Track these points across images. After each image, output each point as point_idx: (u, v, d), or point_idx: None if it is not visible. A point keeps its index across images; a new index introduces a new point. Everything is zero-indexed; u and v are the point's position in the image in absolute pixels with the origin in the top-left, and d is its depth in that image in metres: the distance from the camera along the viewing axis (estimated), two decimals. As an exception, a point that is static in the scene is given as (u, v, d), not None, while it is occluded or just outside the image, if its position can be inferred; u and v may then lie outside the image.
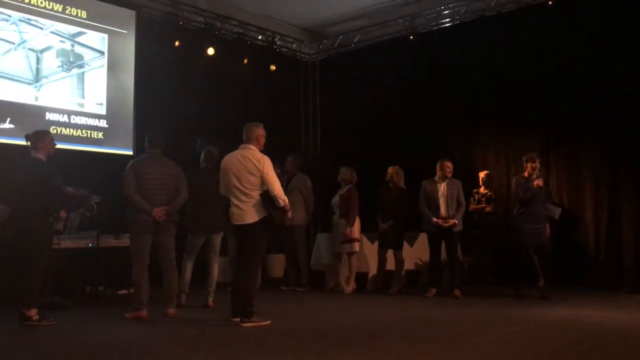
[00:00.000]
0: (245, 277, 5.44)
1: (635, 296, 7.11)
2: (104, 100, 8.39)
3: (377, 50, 10.35)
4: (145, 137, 6.01)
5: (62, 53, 8.08)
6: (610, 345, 4.67)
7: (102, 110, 8.42)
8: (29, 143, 5.58)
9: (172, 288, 5.89)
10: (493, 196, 8.50)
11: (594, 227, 8.05)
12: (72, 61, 8.16)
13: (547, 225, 7.18)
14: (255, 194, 5.40)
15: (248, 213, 5.37)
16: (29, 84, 7.76)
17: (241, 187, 5.40)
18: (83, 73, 8.28)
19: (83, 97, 8.26)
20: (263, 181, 5.38)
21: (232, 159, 5.53)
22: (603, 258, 7.93)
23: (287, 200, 5.45)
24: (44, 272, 5.58)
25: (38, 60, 7.89)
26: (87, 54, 8.32)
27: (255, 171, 5.38)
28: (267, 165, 5.41)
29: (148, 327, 5.45)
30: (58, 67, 8.04)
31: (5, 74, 7.53)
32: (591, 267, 7.96)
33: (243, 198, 5.39)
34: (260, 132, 5.64)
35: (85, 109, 8.25)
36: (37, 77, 7.85)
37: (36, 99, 7.78)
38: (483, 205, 8.43)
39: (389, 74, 10.00)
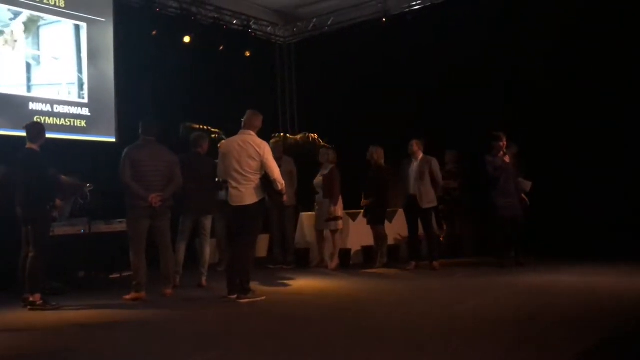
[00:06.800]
0: (243, 256, 5.75)
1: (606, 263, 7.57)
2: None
3: (351, 33, 10.60)
4: (140, 125, 6.16)
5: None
6: (584, 307, 5.06)
7: (84, 99, 8.53)
8: (27, 134, 5.72)
9: (169, 270, 6.14)
10: (456, 172, 8.89)
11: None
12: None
13: (523, 198, 7.60)
14: (254, 178, 5.68)
15: (247, 195, 5.66)
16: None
17: (241, 171, 5.67)
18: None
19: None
20: (262, 165, 5.67)
21: (233, 144, 5.80)
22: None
23: (284, 184, 5.78)
24: (46, 259, 5.77)
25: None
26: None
27: (255, 156, 5.66)
28: (267, 150, 5.71)
29: (148, 307, 5.68)
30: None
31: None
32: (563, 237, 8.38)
33: (242, 181, 5.67)
34: (259, 122, 5.92)
35: (68, 98, 8.34)
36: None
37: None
38: (448, 181, 8.80)
39: (363, 56, 10.27)
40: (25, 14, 8.01)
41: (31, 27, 8.09)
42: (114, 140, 8.72)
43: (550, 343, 3.90)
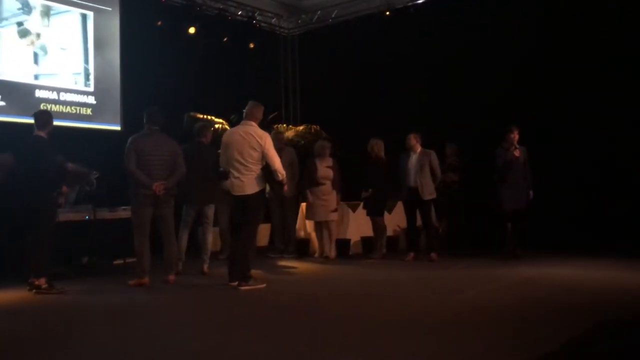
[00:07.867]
0: (244, 244, 5.88)
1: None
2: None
3: (355, 25, 10.65)
4: (144, 114, 6.25)
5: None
6: (577, 298, 5.19)
7: (90, 87, 8.63)
8: (35, 122, 5.84)
9: (172, 257, 6.27)
10: (457, 166, 8.98)
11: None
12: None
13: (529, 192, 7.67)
14: (256, 168, 5.81)
15: (248, 185, 5.79)
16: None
17: (242, 161, 5.80)
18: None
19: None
20: (263, 156, 5.79)
21: (235, 135, 5.92)
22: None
23: (285, 175, 5.91)
24: (51, 244, 5.90)
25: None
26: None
27: (257, 146, 5.79)
28: (268, 141, 5.83)
29: (151, 292, 5.83)
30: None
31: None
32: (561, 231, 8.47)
33: (244, 171, 5.80)
34: (261, 113, 6.05)
35: (75, 86, 8.45)
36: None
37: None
38: (449, 174, 8.87)
39: (366, 49, 10.34)
40: (39, 9, 8.08)
41: (46, 21, 8.19)
42: (118, 128, 8.82)
43: (544, 331, 4.03)
